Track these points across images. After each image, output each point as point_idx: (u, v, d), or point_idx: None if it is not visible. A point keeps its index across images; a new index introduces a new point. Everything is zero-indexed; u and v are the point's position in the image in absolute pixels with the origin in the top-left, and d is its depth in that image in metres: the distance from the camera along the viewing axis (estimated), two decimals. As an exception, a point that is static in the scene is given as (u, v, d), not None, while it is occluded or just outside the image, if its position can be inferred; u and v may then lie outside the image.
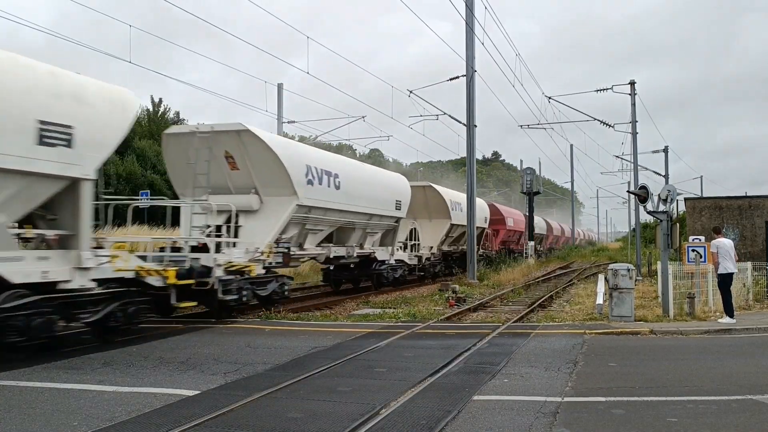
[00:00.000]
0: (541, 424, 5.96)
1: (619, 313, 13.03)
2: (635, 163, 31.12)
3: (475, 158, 27.20)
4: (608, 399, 6.91)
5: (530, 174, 43.73)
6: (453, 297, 17.66)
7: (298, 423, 6.00)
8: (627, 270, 13.23)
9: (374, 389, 7.38)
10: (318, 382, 7.76)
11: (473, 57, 25.63)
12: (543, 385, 7.57)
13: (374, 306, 17.38)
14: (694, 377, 8.12)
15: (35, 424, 5.97)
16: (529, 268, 33.15)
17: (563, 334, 11.64)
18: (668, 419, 6.10)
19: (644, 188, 14.62)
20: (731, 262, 13.19)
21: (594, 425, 5.97)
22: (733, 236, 21.54)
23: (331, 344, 10.54)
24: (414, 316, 14.58)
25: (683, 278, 15.15)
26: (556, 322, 13.56)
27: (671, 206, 14.27)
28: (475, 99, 26.06)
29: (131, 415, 6.25)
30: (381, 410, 6.42)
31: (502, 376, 8.14)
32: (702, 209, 23.93)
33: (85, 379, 7.85)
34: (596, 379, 8.01)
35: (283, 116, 32.11)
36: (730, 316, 12.89)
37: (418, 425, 5.91)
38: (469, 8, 24.67)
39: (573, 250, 63.84)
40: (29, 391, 7.24)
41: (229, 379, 7.93)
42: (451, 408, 6.49)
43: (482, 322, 13.78)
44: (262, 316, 14.47)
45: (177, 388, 7.39)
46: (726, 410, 6.44)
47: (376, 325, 12.94)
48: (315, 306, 17.28)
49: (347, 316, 15.10)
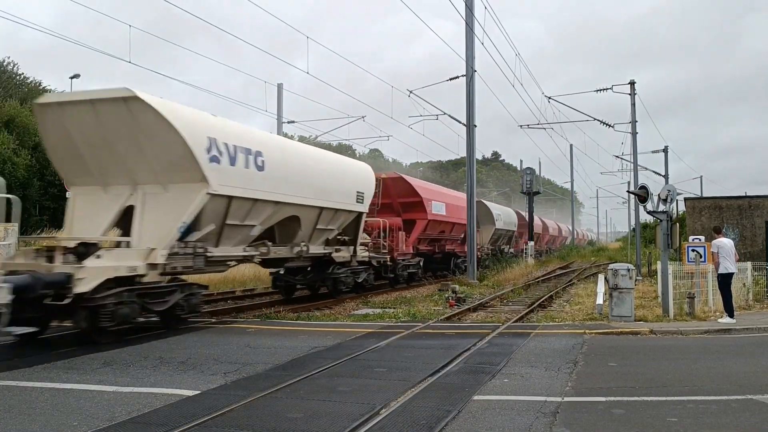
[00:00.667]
0: (541, 423, 5.96)
1: (619, 313, 13.03)
2: (635, 163, 31.14)
3: (475, 158, 27.19)
4: (608, 399, 6.91)
5: (530, 174, 43.73)
6: (453, 297, 17.67)
7: (298, 423, 6.00)
8: (627, 270, 13.23)
9: (374, 389, 7.38)
10: (318, 382, 7.76)
11: (473, 57, 25.63)
12: (543, 385, 7.57)
13: (374, 306, 17.38)
14: (694, 377, 8.12)
15: (35, 423, 5.97)
16: (529, 268, 33.15)
17: (563, 334, 11.64)
18: (668, 419, 6.10)
19: (644, 188, 14.63)
20: (731, 262, 13.19)
21: (594, 425, 5.97)
22: (733, 236, 21.55)
23: (331, 344, 10.53)
24: (414, 316, 14.59)
25: (683, 278, 15.15)
26: (556, 322, 13.57)
27: (671, 206, 14.27)
28: (475, 99, 26.06)
29: (131, 415, 6.24)
30: (381, 410, 6.41)
31: (502, 376, 8.14)
32: (702, 209, 23.94)
33: (85, 379, 7.85)
34: (596, 379, 8.01)
35: (283, 116, 32.14)
36: (731, 316, 12.90)
37: (418, 425, 5.91)
38: (468, 8, 24.67)
39: (572, 250, 63.83)
40: (29, 391, 7.24)
41: (229, 379, 7.93)
42: (451, 408, 6.49)
43: (482, 322, 13.78)
44: (262, 317, 14.47)
45: (177, 388, 7.38)
46: (726, 410, 6.44)
47: (376, 325, 12.95)
48: (316, 306, 17.24)
49: (347, 316, 15.10)
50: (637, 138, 31.08)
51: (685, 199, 26.51)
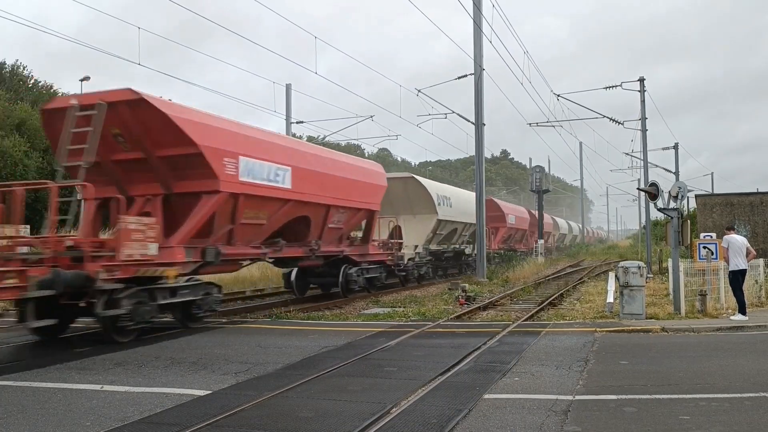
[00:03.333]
0: (552, 422, 5.94)
1: (630, 310, 12.97)
2: (645, 160, 30.98)
3: (484, 157, 27.14)
4: (620, 397, 6.87)
5: (539, 172, 43.63)
6: (462, 296, 17.64)
7: (309, 422, 6.01)
8: (638, 267, 13.16)
9: (385, 388, 7.38)
10: (328, 382, 7.77)
11: (481, 55, 25.61)
12: (554, 384, 7.54)
13: (384, 305, 17.39)
14: (707, 375, 8.06)
15: (49, 424, 6.01)
16: (539, 267, 33.07)
17: (574, 333, 11.60)
18: (680, 417, 6.06)
19: (654, 185, 14.55)
20: (742, 258, 13.09)
21: (605, 423, 5.94)
22: (745, 233, 21.40)
23: (341, 344, 10.55)
24: (424, 315, 14.58)
25: (694, 275, 15.05)
26: (566, 320, 13.52)
27: (682, 203, 14.19)
28: (483, 97, 26.03)
29: (143, 415, 6.28)
30: (391, 409, 6.41)
31: (513, 374, 8.12)
32: (713, 206, 23.78)
33: (97, 380, 7.90)
34: (607, 377, 7.97)
35: (291, 117, 32.21)
36: (743, 313, 12.81)
37: (428, 424, 5.91)
38: (476, 6, 24.63)
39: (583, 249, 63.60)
40: (42, 392, 7.29)
41: (240, 378, 7.95)
42: (462, 407, 6.48)
43: (492, 321, 13.75)
44: (272, 316, 14.51)
45: (188, 388, 7.42)
46: (739, 408, 6.39)
47: (385, 324, 12.95)
48: (325, 305, 17.27)
49: (357, 316, 15.11)
50: (647, 135, 30.93)
51: (696, 196, 26.35)
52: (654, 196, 14.33)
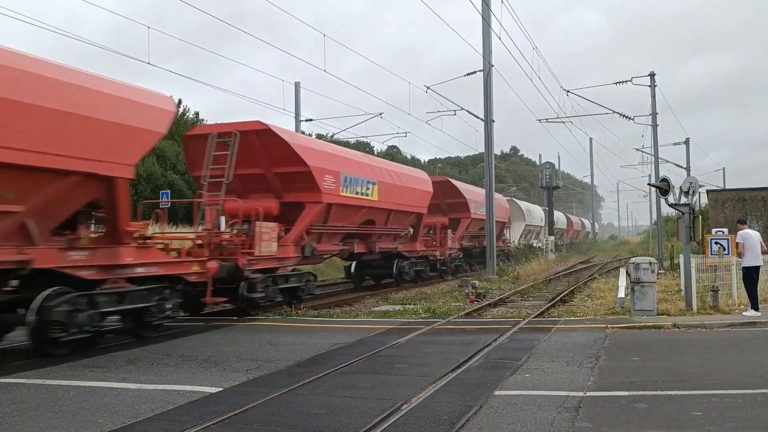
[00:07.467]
0: (563, 418, 5.93)
1: (641, 307, 12.90)
2: (656, 156, 30.82)
3: (494, 153, 27.07)
4: (631, 393, 6.85)
5: (549, 168, 43.51)
6: (473, 293, 17.59)
7: (320, 419, 6.03)
8: (649, 263, 13.09)
9: (395, 385, 7.39)
10: (339, 379, 7.79)
11: (490, 51, 25.51)
12: (565, 380, 7.52)
13: (394, 303, 17.39)
14: (719, 371, 8.02)
15: (62, 421, 6.07)
16: (549, 263, 32.95)
17: (585, 329, 11.55)
18: (693, 413, 6.03)
19: (665, 181, 14.45)
20: (757, 254, 12.98)
21: (617, 420, 5.92)
22: (757, 228, 21.19)
23: (351, 341, 10.56)
24: (434, 312, 14.56)
25: (706, 271, 14.94)
26: (577, 316, 13.47)
27: (693, 198, 14.09)
28: (492, 94, 25.93)
29: (155, 411, 6.33)
30: (402, 406, 6.42)
31: (524, 371, 8.10)
32: (725, 201, 23.62)
33: (109, 377, 7.96)
34: (619, 373, 7.94)
35: (300, 114, 32.24)
36: (755, 309, 12.71)
37: (439, 421, 5.91)
38: (485, 2, 24.54)
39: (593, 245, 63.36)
40: (56, 389, 7.36)
41: (250, 376, 7.99)
42: (473, 403, 6.48)
43: (502, 318, 13.73)
44: (283, 314, 14.55)
45: (200, 385, 7.46)
46: (752, 404, 6.35)
47: (396, 322, 12.95)
48: (336, 303, 17.33)
49: (367, 313, 15.13)
50: (657, 130, 30.75)
51: (707, 191, 26.17)
52: (665, 192, 14.24)
